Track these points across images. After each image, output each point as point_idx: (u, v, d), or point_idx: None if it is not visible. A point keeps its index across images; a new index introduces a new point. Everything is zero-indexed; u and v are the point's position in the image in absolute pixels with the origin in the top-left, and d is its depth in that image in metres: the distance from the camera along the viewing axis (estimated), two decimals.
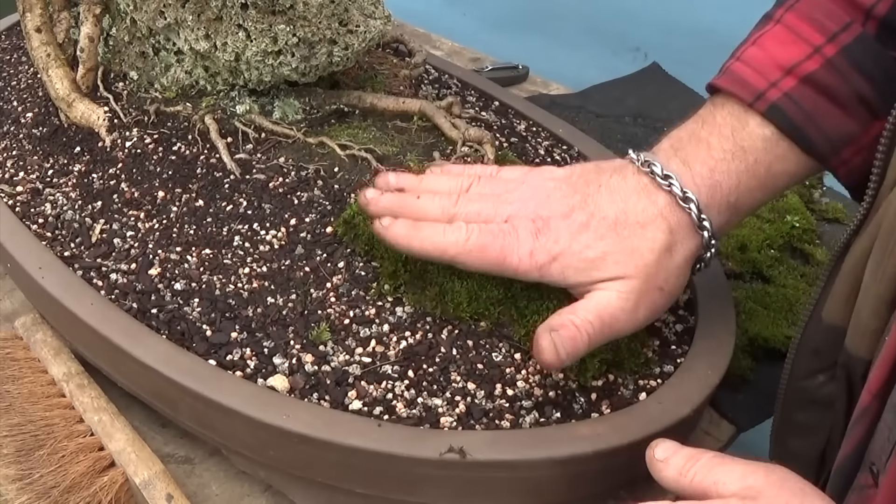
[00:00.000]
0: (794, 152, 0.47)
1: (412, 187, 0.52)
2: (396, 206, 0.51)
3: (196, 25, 0.58)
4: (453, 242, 0.47)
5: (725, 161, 0.47)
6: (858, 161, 0.47)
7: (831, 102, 0.46)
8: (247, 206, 0.56)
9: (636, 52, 1.03)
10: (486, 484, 0.45)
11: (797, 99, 0.46)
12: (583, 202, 0.47)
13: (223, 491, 0.53)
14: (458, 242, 0.47)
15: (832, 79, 0.46)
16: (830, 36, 0.46)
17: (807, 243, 0.75)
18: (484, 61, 1.03)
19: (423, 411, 0.46)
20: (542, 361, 0.45)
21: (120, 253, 0.54)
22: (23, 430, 0.53)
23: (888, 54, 0.46)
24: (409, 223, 0.49)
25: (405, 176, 0.53)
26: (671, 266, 0.47)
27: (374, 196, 0.51)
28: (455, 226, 0.48)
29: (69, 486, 0.49)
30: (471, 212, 0.49)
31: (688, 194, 0.46)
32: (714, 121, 0.49)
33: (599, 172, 0.49)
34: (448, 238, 0.47)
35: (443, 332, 0.50)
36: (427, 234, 0.48)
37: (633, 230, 0.46)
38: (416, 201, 0.50)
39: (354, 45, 0.60)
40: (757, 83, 0.47)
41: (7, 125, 0.67)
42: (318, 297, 0.51)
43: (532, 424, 0.46)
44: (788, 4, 0.49)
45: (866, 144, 0.46)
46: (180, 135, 0.61)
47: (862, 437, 0.39)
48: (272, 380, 0.46)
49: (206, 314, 0.50)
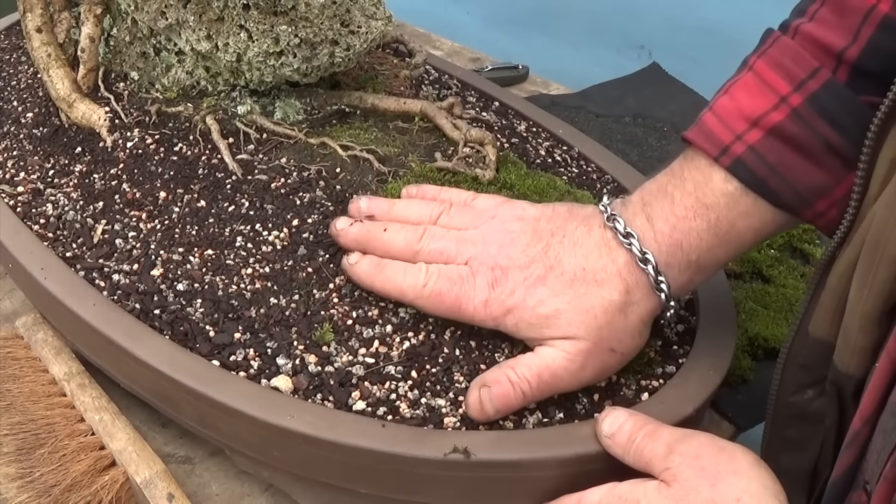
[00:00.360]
0: (758, 207, 0.45)
1: (382, 214, 0.52)
2: (363, 238, 0.51)
3: (198, 26, 0.58)
4: (412, 286, 0.48)
5: (687, 219, 0.46)
6: (835, 213, 0.45)
7: (798, 154, 0.44)
8: (249, 207, 0.56)
9: (640, 50, 1.03)
10: (489, 484, 0.45)
11: (761, 152, 0.44)
12: (544, 253, 0.47)
13: (223, 491, 0.53)
14: (415, 287, 0.48)
15: (798, 129, 0.44)
16: (797, 84, 0.44)
17: (807, 243, 0.75)
18: (484, 61, 1.03)
19: (427, 412, 0.46)
20: (469, 414, 0.45)
21: (122, 253, 0.54)
22: (23, 429, 0.53)
23: (858, 101, 0.43)
24: (373, 262, 0.50)
25: (377, 202, 0.53)
26: (625, 326, 0.46)
27: (343, 227, 0.52)
28: (415, 268, 0.48)
29: (70, 485, 0.49)
30: (433, 250, 0.49)
31: (647, 255, 0.46)
32: (681, 175, 0.47)
33: (568, 220, 0.49)
34: (407, 281, 0.48)
35: (445, 332, 0.50)
36: (388, 275, 0.49)
37: (590, 288, 0.46)
38: (383, 235, 0.50)
39: (356, 46, 0.60)
40: (723, 136, 0.46)
41: (7, 125, 0.67)
42: (321, 298, 0.51)
43: (535, 425, 0.46)
44: (761, 51, 0.47)
45: (841, 197, 0.44)
46: (182, 135, 0.61)
47: (853, 460, 0.39)
48: (276, 380, 0.46)
49: (209, 315, 0.50)
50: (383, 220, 0.52)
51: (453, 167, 0.58)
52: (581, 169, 0.69)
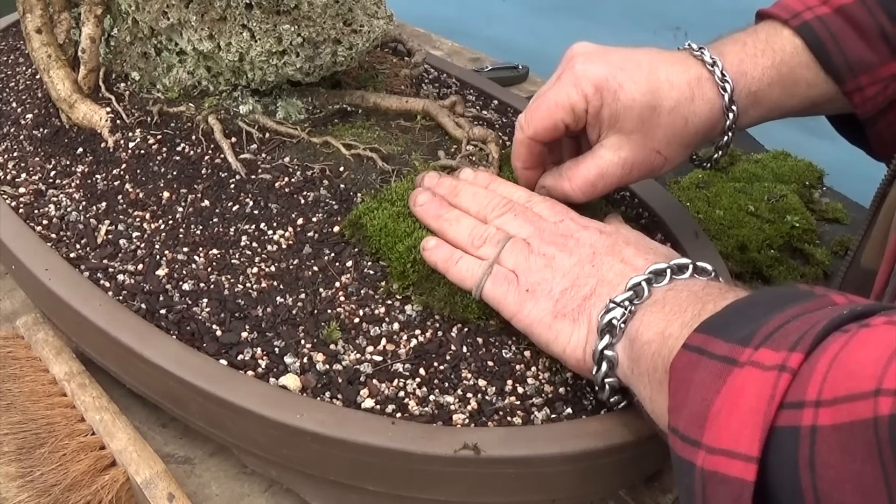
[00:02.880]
0: (816, 65, 0.53)
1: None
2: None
3: (200, 25, 0.58)
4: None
5: (755, 56, 0.53)
6: (873, 91, 0.52)
7: (856, 32, 0.52)
8: (253, 206, 0.56)
9: (676, 31, 1.04)
10: (497, 480, 0.45)
11: (827, 22, 0.52)
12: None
13: (223, 491, 0.53)
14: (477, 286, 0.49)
15: (860, 13, 0.52)
16: None
17: (807, 243, 0.76)
18: (484, 61, 1.03)
19: (436, 409, 0.46)
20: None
21: (126, 254, 0.54)
22: (24, 429, 0.53)
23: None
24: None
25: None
26: (683, 132, 0.51)
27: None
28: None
29: (70, 485, 0.49)
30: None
31: (716, 61, 0.51)
32: (753, 31, 0.54)
33: None
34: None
35: (452, 330, 0.50)
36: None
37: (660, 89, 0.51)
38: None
39: (359, 45, 0.60)
40: (796, 6, 0.53)
41: (7, 127, 0.67)
42: (327, 297, 0.51)
43: (543, 421, 0.46)
44: None
45: (882, 77, 0.52)
46: (184, 135, 0.61)
47: None
48: (284, 379, 0.46)
49: (215, 314, 0.50)
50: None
51: (457, 165, 0.58)
52: None
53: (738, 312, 0.37)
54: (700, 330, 0.38)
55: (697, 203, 0.77)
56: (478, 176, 0.55)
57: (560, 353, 0.46)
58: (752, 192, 0.79)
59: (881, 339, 0.30)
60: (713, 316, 0.38)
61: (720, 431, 0.34)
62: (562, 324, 0.45)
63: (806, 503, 0.31)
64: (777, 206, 0.77)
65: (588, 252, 0.47)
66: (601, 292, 0.45)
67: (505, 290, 0.47)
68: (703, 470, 0.34)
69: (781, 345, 0.33)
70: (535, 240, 0.49)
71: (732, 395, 0.34)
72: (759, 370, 0.33)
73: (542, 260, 0.47)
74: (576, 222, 0.50)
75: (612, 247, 0.47)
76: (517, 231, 0.50)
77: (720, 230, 0.74)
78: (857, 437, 0.29)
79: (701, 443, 0.34)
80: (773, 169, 0.83)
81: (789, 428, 0.31)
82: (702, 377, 0.36)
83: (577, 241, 0.48)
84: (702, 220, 0.74)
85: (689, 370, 0.37)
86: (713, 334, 0.37)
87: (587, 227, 0.49)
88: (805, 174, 0.84)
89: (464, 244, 0.50)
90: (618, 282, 0.45)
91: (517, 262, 0.48)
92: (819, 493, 0.30)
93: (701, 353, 0.37)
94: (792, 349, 0.33)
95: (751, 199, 0.78)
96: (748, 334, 0.35)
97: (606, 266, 0.46)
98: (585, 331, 0.44)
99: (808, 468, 0.30)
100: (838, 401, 0.30)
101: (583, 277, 0.46)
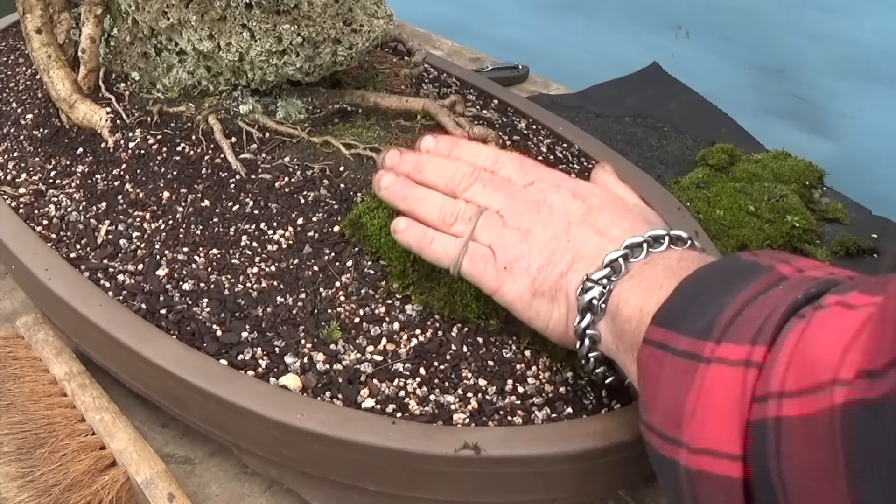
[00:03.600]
0: None
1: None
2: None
3: (200, 25, 0.58)
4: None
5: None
6: None
7: None
8: (253, 206, 0.56)
9: (678, 31, 1.04)
10: (498, 480, 0.45)
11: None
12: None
13: (223, 491, 0.53)
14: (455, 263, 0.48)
15: None
16: None
17: (807, 243, 0.76)
18: (484, 61, 1.03)
19: (436, 408, 0.46)
20: None
21: (126, 254, 0.54)
22: (24, 429, 0.53)
23: None
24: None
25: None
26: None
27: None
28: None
29: (70, 485, 0.49)
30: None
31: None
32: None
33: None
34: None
35: (452, 329, 0.50)
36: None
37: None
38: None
39: (359, 45, 0.60)
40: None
41: (7, 127, 0.67)
42: (327, 296, 0.51)
43: (544, 420, 0.46)
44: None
45: None
46: (184, 135, 0.61)
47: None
48: (284, 379, 0.46)
49: (215, 314, 0.50)
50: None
51: None
52: (582, 166, 0.69)
53: (690, 299, 0.37)
54: (658, 323, 0.38)
55: (697, 203, 0.77)
56: (439, 143, 0.54)
57: (542, 329, 0.46)
58: (752, 192, 0.79)
59: (835, 326, 0.31)
60: (667, 304, 0.38)
61: (699, 432, 0.34)
62: (541, 301, 0.45)
63: (776, 493, 0.31)
64: (777, 206, 0.77)
65: (563, 223, 0.46)
66: (577, 268, 0.44)
67: (483, 267, 0.47)
68: (689, 469, 0.34)
69: (742, 337, 0.34)
70: (509, 211, 0.48)
71: (705, 395, 0.34)
72: (727, 367, 0.34)
73: (517, 234, 0.47)
74: (547, 183, 0.49)
75: (587, 215, 0.46)
76: (488, 202, 0.49)
77: (720, 230, 0.74)
78: (818, 427, 0.30)
79: (681, 441, 0.35)
80: (773, 169, 0.83)
81: (759, 422, 0.32)
82: (668, 374, 0.36)
83: (550, 208, 0.47)
84: (702, 220, 0.74)
85: (655, 366, 0.37)
86: (672, 328, 0.37)
87: (559, 187, 0.48)
88: (805, 174, 0.84)
89: (435, 223, 0.50)
90: (594, 256, 0.44)
91: (492, 237, 0.47)
92: (785, 483, 0.31)
93: (664, 349, 0.37)
94: (754, 342, 0.33)
95: (751, 199, 0.78)
96: (706, 326, 0.35)
97: (582, 239, 0.45)
98: (565, 308, 0.44)
99: (776, 458, 0.31)
100: (802, 393, 0.31)
101: (559, 253, 0.45)
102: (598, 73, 1.01)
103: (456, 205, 0.49)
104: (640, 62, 1.04)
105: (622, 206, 0.48)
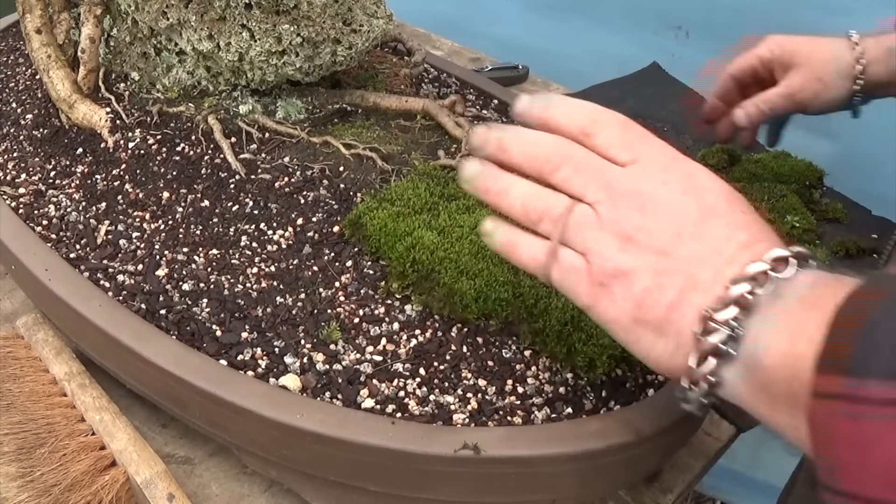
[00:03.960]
0: None
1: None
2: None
3: (199, 25, 0.58)
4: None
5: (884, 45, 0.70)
6: None
7: None
8: (253, 206, 0.56)
9: (678, 31, 1.04)
10: (498, 480, 0.45)
11: None
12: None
13: (223, 491, 0.53)
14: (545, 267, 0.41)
15: None
16: None
17: (807, 243, 0.75)
18: (484, 61, 1.03)
19: (436, 408, 0.46)
20: None
21: (126, 254, 0.54)
22: (24, 429, 0.53)
23: None
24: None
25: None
26: None
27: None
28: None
29: (70, 485, 0.49)
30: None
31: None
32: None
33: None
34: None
35: (452, 329, 0.50)
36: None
37: None
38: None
39: (358, 45, 0.60)
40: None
41: (7, 127, 0.67)
42: (327, 297, 0.51)
43: (543, 420, 0.46)
44: None
45: None
46: (183, 135, 0.61)
47: None
48: (284, 379, 0.46)
49: (215, 314, 0.50)
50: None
51: (457, 165, 0.58)
52: None
53: (867, 335, 0.31)
54: (829, 370, 0.31)
55: None
56: (532, 105, 0.43)
57: (641, 357, 0.39)
58: (752, 192, 0.79)
59: None
60: (834, 345, 0.31)
61: None
62: (643, 330, 0.38)
63: None
64: (777, 206, 0.77)
65: (671, 232, 0.38)
66: (691, 299, 0.37)
67: (574, 280, 0.40)
68: None
69: None
70: (605, 206, 0.39)
71: None
72: None
73: (615, 241, 0.39)
74: (654, 165, 0.40)
75: (700, 222, 0.38)
76: (581, 190, 0.40)
77: None
78: None
79: None
80: (773, 169, 0.83)
81: None
82: (878, 431, 0.30)
83: (657, 208, 0.39)
84: None
85: (849, 424, 0.31)
86: (855, 374, 0.30)
87: (667, 173, 0.40)
88: (805, 174, 0.84)
89: (521, 220, 0.42)
90: (711, 284, 0.37)
91: (585, 242, 0.39)
92: None
93: (853, 402, 0.30)
94: None
95: (751, 199, 0.78)
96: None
97: (695, 259, 0.38)
98: (674, 343, 0.37)
99: None
100: None
101: (667, 274, 0.38)
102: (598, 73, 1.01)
103: (541, 198, 0.41)
104: (640, 62, 1.04)
105: (737, 206, 0.40)
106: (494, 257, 0.52)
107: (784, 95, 0.72)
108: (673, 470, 0.58)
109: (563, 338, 0.49)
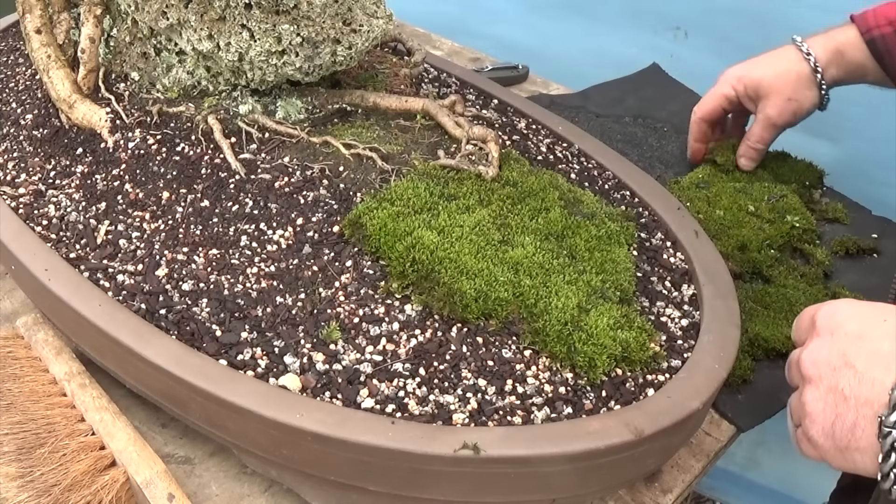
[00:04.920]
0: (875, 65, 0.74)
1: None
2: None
3: (199, 25, 0.58)
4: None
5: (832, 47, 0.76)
6: None
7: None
8: (253, 206, 0.56)
9: (676, 31, 1.04)
10: (498, 480, 0.45)
11: (888, 40, 0.73)
12: None
13: (223, 491, 0.53)
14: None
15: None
16: None
17: (807, 243, 0.75)
18: (484, 61, 1.03)
19: (436, 408, 0.46)
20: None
21: (126, 254, 0.54)
22: (24, 429, 0.53)
23: None
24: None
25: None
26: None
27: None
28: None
29: (70, 485, 0.49)
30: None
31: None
32: (843, 31, 0.76)
33: None
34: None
35: (452, 329, 0.50)
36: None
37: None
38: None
39: (358, 45, 0.60)
40: (870, 22, 0.74)
41: (7, 127, 0.67)
42: (327, 297, 0.51)
43: (543, 420, 0.46)
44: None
45: None
46: (183, 135, 0.61)
47: None
48: (284, 379, 0.46)
49: (215, 314, 0.50)
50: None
51: (456, 165, 0.58)
52: (582, 166, 0.69)
53: None
54: None
55: (697, 203, 0.77)
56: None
57: (858, 472, 0.46)
58: (752, 192, 0.79)
59: None
60: None
61: None
62: (847, 454, 0.46)
63: None
64: (777, 206, 0.77)
65: (829, 383, 0.47)
66: (866, 414, 0.45)
67: (805, 448, 0.48)
68: None
69: None
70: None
71: None
72: None
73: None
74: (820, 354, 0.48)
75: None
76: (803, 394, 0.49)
77: (720, 230, 0.74)
78: None
79: None
80: (773, 169, 0.83)
81: None
82: None
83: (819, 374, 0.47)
84: (702, 220, 0.74)
85: None
86: None
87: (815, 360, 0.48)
88: (805, 174, 0.84)
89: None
90: (875, 399, 0.45)
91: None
92: None
93: None
94: None
95: (751, 199, 0.78)
96: None
97: (854, 385, 0.46)
98: (871, 455, 0.45)
99: None
100: None
101: (839, 406, 0.46)
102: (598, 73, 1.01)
103: (796, 406, 0.49)
104: (639, 62, 1.04)
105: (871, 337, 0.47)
106: (494, 257, 0.52)
107: (767, 126, 0.79)
108: (673, 470, 0.58)
109: (563, 338, 0.49)
